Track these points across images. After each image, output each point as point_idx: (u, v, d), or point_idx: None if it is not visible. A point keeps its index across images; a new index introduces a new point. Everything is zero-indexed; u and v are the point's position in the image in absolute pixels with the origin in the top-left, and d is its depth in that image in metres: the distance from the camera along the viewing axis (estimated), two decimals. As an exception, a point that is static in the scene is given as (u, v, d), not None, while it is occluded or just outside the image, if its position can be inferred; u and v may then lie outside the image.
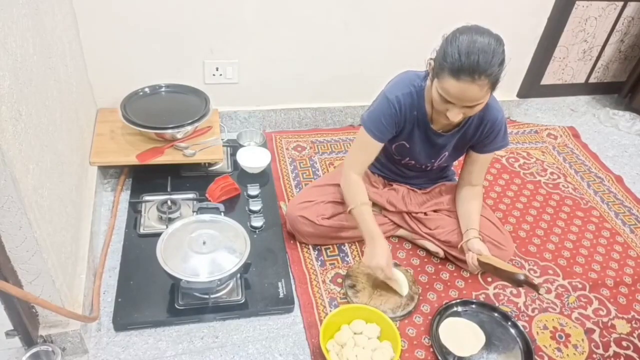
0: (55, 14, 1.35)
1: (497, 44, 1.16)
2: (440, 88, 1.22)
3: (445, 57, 1.17)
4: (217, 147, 1.77)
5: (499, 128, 1.41)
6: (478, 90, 1.17)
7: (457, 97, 1.20)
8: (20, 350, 1.15)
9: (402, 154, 1.53)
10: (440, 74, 1.20)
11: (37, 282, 1.06)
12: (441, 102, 1.24)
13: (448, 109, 1.24)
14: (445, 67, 1.17)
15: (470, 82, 1.15)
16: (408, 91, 1.36)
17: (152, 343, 1.29)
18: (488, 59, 1.14)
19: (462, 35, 1.17)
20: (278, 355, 1.31)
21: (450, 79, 1.17)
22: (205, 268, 1.27)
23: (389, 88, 1.40)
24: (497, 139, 1.43)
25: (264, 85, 2.02)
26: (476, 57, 1.13)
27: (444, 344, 1.35)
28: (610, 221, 1.88)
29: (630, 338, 1.45)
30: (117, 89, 1.78)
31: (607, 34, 2.43)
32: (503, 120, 1.41)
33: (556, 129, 2.42)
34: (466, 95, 1.18)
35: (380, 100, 1.39)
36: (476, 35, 1.16)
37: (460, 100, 1.20)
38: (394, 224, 1.64)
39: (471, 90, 1.17)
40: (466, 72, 1.14)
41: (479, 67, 1.13)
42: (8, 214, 0.92)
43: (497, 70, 1.16)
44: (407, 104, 1.37)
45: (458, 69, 1.15)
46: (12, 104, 0.91)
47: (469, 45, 1.14)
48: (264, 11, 1.81)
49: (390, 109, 1.37)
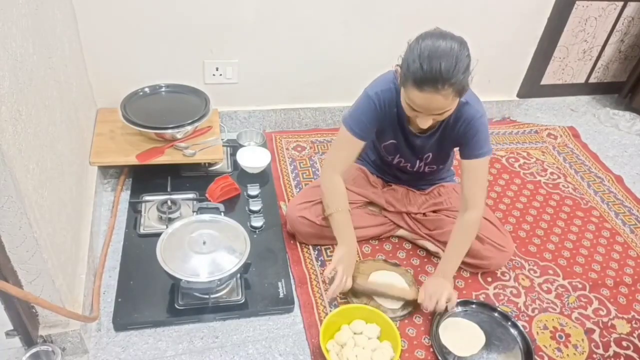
0: (55, 14, 1.35)
1: (460, 48, 1.12)
2: (407, 98, 1.20)
3: (408, 66, 1.14)
4: (217, 147, 1.77)
5: (477, 127, 1.33)
6: (443, 99, 1.14)
7: (422, 107, 1.18)
8: (20, 350, 1.15)
9: (392, 152, 1.52)
10: (405, 84, 1.18)
11: (37, 282, 1.06)
12: (409, 109, 1.23)
13: (417, 116, 1.23)
14: (408, 77, 1.15)
15: (434, 92, 1.12)
16: (387, 87, 1.35)
17: (152, 343, 1.29)
18: (451, 67, 1.09)
19: (424, 41, 1.13)
20: (278, 355, 1.31)
21: (414, 89, 1.15)
22: (205, 268, 1.27)
23: (370, 86, 1.39)
24: (476, 140, 1.34)
25: (264, 85, 2.02)
26: (438, 66, 1.09)
27: (444, 344, 1.35)
28: (610, 221, 1.88)
29: (630, 338, 1.45)
30: (117, 89, 1.78)
31: (607, 34, 2.43)
32: (481, 121, 1.33)
33: (556, 129, 2.42)
34: (431, 106, 1.16)
35: (361, 98, 1.39)
36: (439, 41, 1.12)
37: (426, 110, 1.19)
38: (393, 224, 1.64)
39: (436, 100, 1.14)
40: (429, 83, 1.11)
41: (442, 76, 1.10)
42: (8, 214, 0.92)
43: (462, 78, 1.12)
44: (386, 100, 1.35)
45: (421, 80, 1.12)
46: (12, 104, 0.91)
47: (430, 53, 1.10)
48: (263, 11, 1.81)
49: (370, 105, 1.36)
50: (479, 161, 1.37)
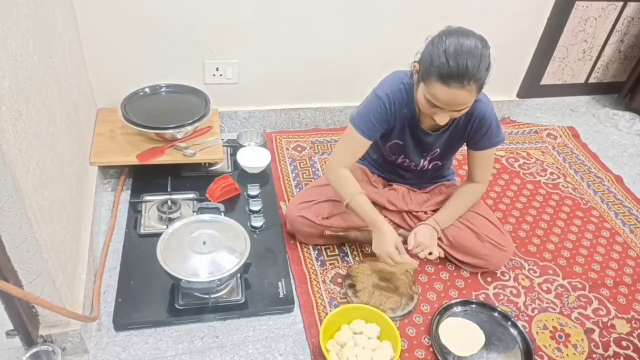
0: (55, 14, 1.35)
1: (483, 46, 1.15)
2: (428, 93, 1.20)
3: (432, 61, 1.16)
4: (217, 147, 1.77)
5: (489, 122, 1.38)
6: (467, 95, 1.16)
7: (446, 103, 1.19)
8: (20, 350, 1.15)
9: (396, 152, 1.52)
10: (428, 79, 1.18)
11: (37, 282, 1.06)
12: (428, 106, 1.23)
13: (435, 113, 1.23)
14: (432, 72, 1.16)
15: (460, 88, 1.14)
16: (397, 89, 1.36)
17: (152, 343, 1.30)
18: (476, 64, 1.12)
19: (448, 38, 1.15)
20: (278, 355, 1.31)
21: (438, 84, 1.16)
22: (205, 268, 1.27)
23: (379, 86, 1.39)
24: (489, 134, 1.40)
25: (264, 85, 2.02)
26: (464, 62, 1.11)
27: (444, 344, 1.35)
28: (610, 221, 1.88)
29: (630, 338, 1.45)
30: (117, 89, 1.78)
31: (607, 34, 2.43)
32: (492, 115, 1.38)
33: (556, 129, 2.42)
34: (455, 101, 1.18)
35: (370, 99, 1.39)
36: (463, 38, 1.14)
37: (449, 106, 1.20)
38: (394, 224, 1.64)
39: (460, 96, 1.16)
40: (455, 78, 1.13)
41: (468, 73, 1.12)
42: (8, 214, 0.92)
43: (485, 75, 1.16)
44: (397, 102, 1.36)
45: (447, 75, 1.13)
46: (12, 104, 0.91)
47: (456, 49, 1.12)
48: (264, 11, 1.81)
49: (380, 107, 1.36)
50: (492, 150, 1.45)
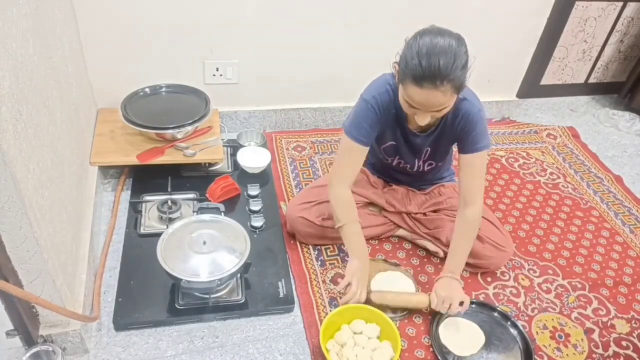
0: (55, 14, 1.35)
1: (458, 44, 1.12)
2: (405, 94, 1.20)
3: (406, 63, 1.15)
4: (217, 147, 1.77)
5: (475, 122, 1.33)
6: (441, 96, 1.14)
7: (421, 104, 1.18)
8: (20, 350, 1.15)
9: (392, 154, 1.52)
10: (404, 81, 1.18)
11: (37, 282, 1.06)
12: (407, 107, 1.23)
13: (415, 114, 1.23)
14: (407, 74, 1.15)
15: (433, 89, 1.13)
16: (384, 90, 1.35)
17: (153, 343, 1.30)
18: (449, 63, 1.10)
19: (422, 38, 1.14)
20: (278, 355, 1.31)
21: (412, 86, 1.15)
22: (206, 268, 1.28)
23: (366, 90, 1.38)
24: (474, 135, 1.35)
25: (264, 85, 2.02)
26: (437, 62, 1.09)
27: (443, 344, 1.35)
28: (610, 221, 1.88)
29: (629, 338, 1.46)
30: (117, 89, 1.78)
31: (607, 34, 2.44)
32: (480, 115, 1.34)
33: (556, 129, 2.42)
34: (430, 102, 1.16)
35: (359, 104, 1.37)
36: (436, 38, 1.12)
37: (424, 107, 1.19)
38: (393, 224, 1.64)
39: (434, 97, 1.15)
40: (428, 79, 1.12)
41: (440, 73, 1.10)
42: (8, 214, 0.92)
43: (460, 74, 1.13)
44: (384, 103, 1.35)
45: (420, 76, 1.12)
46: (12, 104, 0.91)
47: (429, 50, 1.11)
48: (264, 11, 1.81)
49: (368, 110, 1.35)
50: (477, 155, 1.37)
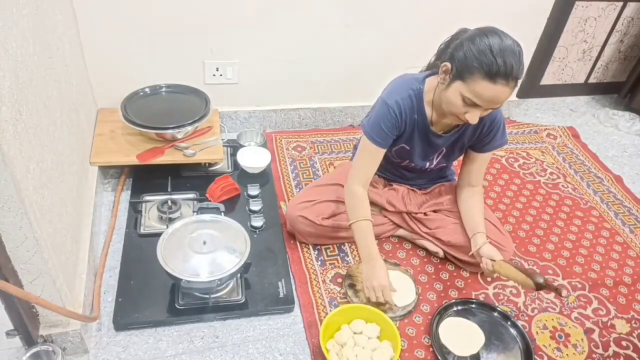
0: (55, 14, 1.35)
1: (519, 48, 1.17)
2: (468, 91, 1.19)
3: (475, 59, 1.15)
4: (217, 147, 1.77)
5: (498, 127, 1.41)
6: (509, 93, 1.17)
7: (489, 100, 1.18)
8: (20, 350, 1.15)
9: (402, 156, 1.53)
10: (469, 77, 1.17)
11: (37, 282, 1.06)
12: (462, 105, 1.22)
13: (467, 112, 1.22)
14: (475, 69, 1.15)
15: (505, 85, 1.15)
16: (407, 95, 1.35)
17: (153, 343, 1.30)
18: (519, 62, 1.14)
19: (489, 37, 1.16)
20: (278, 355, 1.31)
21: (484, 82, 1.15)
22: (206, 268, 1.28)
23: (387, 93, 1.38)
24: (496, 137, 1.43)
25: (264, 85, 2.02)
26: (510, 60, 1.13)
27: (444, 344, 1.35)
28: (610, 221, 1.88)
29: (629, 338, 1.46)
30: (117, 89, 1.78)
31: (607, 34, 2.44)
32: (502, 119, 1.41)
33: (556, 129, 2.42)
34: (498, 98, 1.18)
35: (380, 106, 1.37)
36: (503, 39, 1.15)
37: (490, 103, 1.19)
38: (393, 224, 1.64)
39: (503, 93, 1.17)
40: (502, 76, 1.14)
41: (513, 71, 1.14)
42: (8, 214, 0.92)
43: (524, 73, 1.19)
44: (406, 108, 1.36)
45: (495, 72, 1.13)
46: (12, 104, 0.91)
47: (501, 48, 1.13)
48: (264, 11, 1.81)
49: (390, 115, 1.35)
50: (491, 153, 1.47)
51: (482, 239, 1.43)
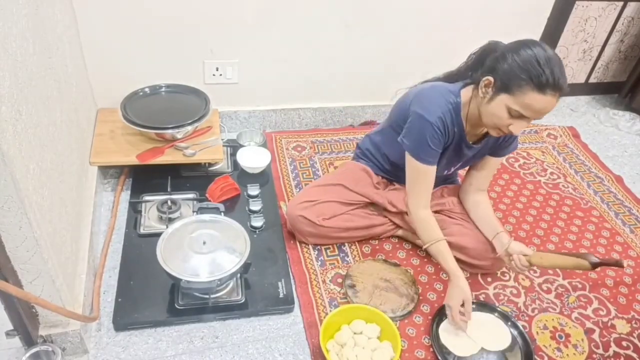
0: (55, 14, 1.35)
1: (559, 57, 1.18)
2: (516, 103, 1.18)
3: (523, 71, 1.15)
4: (217, 147, 1.77)
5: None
6: (556, 103, 1.18)
7: (538, 112, 1.19)
8: (20, 350, 1.15)
9: None
10: (517, 90, 1.17)
11: (37, 282, 1.06)
12: (507, 117, 1.22)
13: (512, 124, 1.22)
14: (523, 81, 1.15)
15: (553, 96, 1.16)
16: (447, 109, 1.32)
17: (152, 343, 1.30)
18: (564, 73, 1.16)
19: (532, 48, 1.16)
20: (278, 355, 1.31)
21: (534, 93, 1.16)
22: (205, 268, 1.27)
23: (424, 109, 1.32)
24: (514, 144, 1.46)
25: (264, 85, 2.02)
26: (557, 71, 1.14)
27: (443, 344, 1.35)
28: (610, 221, 1.88)
29: (630, 338, 1.45)
30: (117, 89, 1.78)
31: (607, 34, 2.44)
32: None
33: (556, 129, 2.42)
34: (546, 109, 1.19)
35: (422, 125, 1.32)
36: (546, 49, 1.16)
37: (539, 114, 1.20)
38: (394, 224, 1.64)
39: (551, 104, 1.18)
40: (552, 87, 1.15)
41: (560, 81, 1.15)
42: (8, 214, 0.92)
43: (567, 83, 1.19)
44: (448, 122, 1.33)
45: (545, 83, 1.14)
46: (12, 104, 0.91)
47: (549, 60, 1.14)
48: (264, 11, 1.81)
49: (435, 133, 1.32)
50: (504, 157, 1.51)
51: (506, 237, 1.43)
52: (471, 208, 1.55)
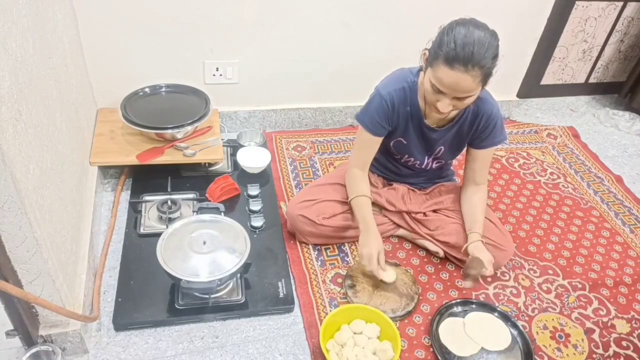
0: (55, 14, 1.35)
1: (492, 38, 1.19)
2: (433, 77, 1.23)
3: (440, 46, 1.19)
4: (217, 147, 1.77)
5: (495, 122, 1.42)
6: (471, 80, 1.18)
7: (449, 87, 1.21)
8: (20, 350, 1.15)
9: (401, 151, 1.53)
10: (435, 63, 1.21)
11: (37, 282, 1.06)
12: (433, 92, 1.25)
13: (439, 100, 1.25)
14: (440, 55, 1.19)
15: (464, 72, 1.17)
16: (400, 87, 1.38)
17: (152, 343, 1.30)
18: (482, 51, 1.16)
19: (459, 26, 1.19)
20: (278, 355, 1.31)
21: (444, 67, 1.19)
22: (206, 268, 1.27)
23: (382, 85, 1.42)
24: (494, 133, 1.44)
25: (264, 85, 2.02)
26: (471, 48, 1.15)
27: (443, 344, 1.35)
28: (610, 221, 1.88)
29: (630, 338, 1.45)
30: (117, 89, 1.78)
31: (607, 34, 2.44)
32: (498, 114, 1.42)
33: (556, 129, 2.42)
34: (459, 85, 1.20)
35: (374, 97, 1.42)
36: (473, 28, 1.18)
37: (452, 90, 1.21)
38: (394, 224, 1.64)
39: (464, 80, 1.18)
40: (460, 62, 1.16)
41: (473, 58, 1.15)
42: (8, 214, 0.92)
43: (490, 63, 1.19)
44: (399, 100, 1.39)
45: (453, 58, 1.16)
46: (12, 104, 0.91)
47: (465, 37, 1.16)
48: (264, 11, 1.81)
49: (382, 105, 1.39)
50: (493, 148, 1.48)
51: (475, 237, 1.45)
52: (463, 200, 1.57)
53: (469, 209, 1.53)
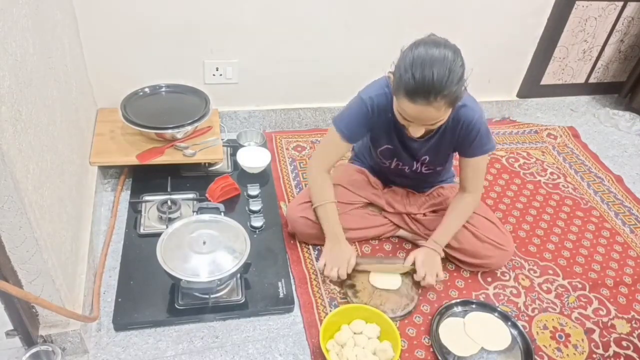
0: (55, 14, 1.35)
1: (453, 56, 1.10)
2: (398, 107, 1.19)
3: (400, 76, 1.13)
4: (217, 147, 1.77)
5: (477, 129, 1.33)
6: (434, 111, 1.13)
7: (414, 118, 1.18)
8: (20, 350, 1.15)
9: (389, 157, 1.52)
10: (397, 94, 1.17)
11: (37, 282, 1.06)
12: (401, 118, 1.23)
13: (409, 125, 1.23)
14: (400, 86, 1.13)
15: (427, 104, 1.11)
16: (382, 92, 1.34)
17: (152, 343, 1.30)
18: (443, 80, 1.08)
19: (417, 49, 1.12)
20: (278, 355, 1.31)
21: (405, 100, 1.14)
22: (205, 268, 1.27)
23: (364, 90, 1.38)
24: (479, 141, 1.36)
25: (264, 85, 2.02)
26: (430, 75, 1.07)
27: (443, 344, 1.35)
28: (610, 221, 1.88)
29: (630, 338, 1.45)
30: (117, 89, 1.78)
31: (607, 34, 2.43)
32: (481, 121, 1.33)
33: (556, 129, 2.42)
34: (423, 117, 1.16)
35: (354, 101, 1.39)
36: (431, 49, 1.10)
37: (418, 120, 1.18)
38: (394, 225, 1.64)
39: (428, 112, 1.14)
40: (421, 95, 1.10)
41: (434, 88, 1.08)
42: (8, 214, 0.92)
43: (455, 89, 1.11)
44: (380, 105, 1.35)
45: (413, 92, 1.11)
46: (12, 104, 0.91)
47: (423, 61, 1.08)
48: (264, 11, 1.81)
49: (362, 109, 1.36)
50: (482, 157, 1.41)
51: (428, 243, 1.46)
52: (449, 205, 1.52)
53: (447, 213, 1.49)
